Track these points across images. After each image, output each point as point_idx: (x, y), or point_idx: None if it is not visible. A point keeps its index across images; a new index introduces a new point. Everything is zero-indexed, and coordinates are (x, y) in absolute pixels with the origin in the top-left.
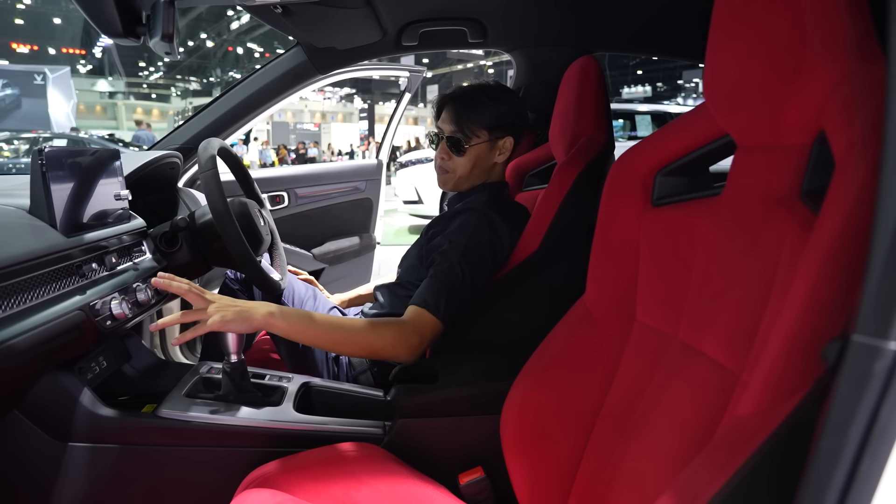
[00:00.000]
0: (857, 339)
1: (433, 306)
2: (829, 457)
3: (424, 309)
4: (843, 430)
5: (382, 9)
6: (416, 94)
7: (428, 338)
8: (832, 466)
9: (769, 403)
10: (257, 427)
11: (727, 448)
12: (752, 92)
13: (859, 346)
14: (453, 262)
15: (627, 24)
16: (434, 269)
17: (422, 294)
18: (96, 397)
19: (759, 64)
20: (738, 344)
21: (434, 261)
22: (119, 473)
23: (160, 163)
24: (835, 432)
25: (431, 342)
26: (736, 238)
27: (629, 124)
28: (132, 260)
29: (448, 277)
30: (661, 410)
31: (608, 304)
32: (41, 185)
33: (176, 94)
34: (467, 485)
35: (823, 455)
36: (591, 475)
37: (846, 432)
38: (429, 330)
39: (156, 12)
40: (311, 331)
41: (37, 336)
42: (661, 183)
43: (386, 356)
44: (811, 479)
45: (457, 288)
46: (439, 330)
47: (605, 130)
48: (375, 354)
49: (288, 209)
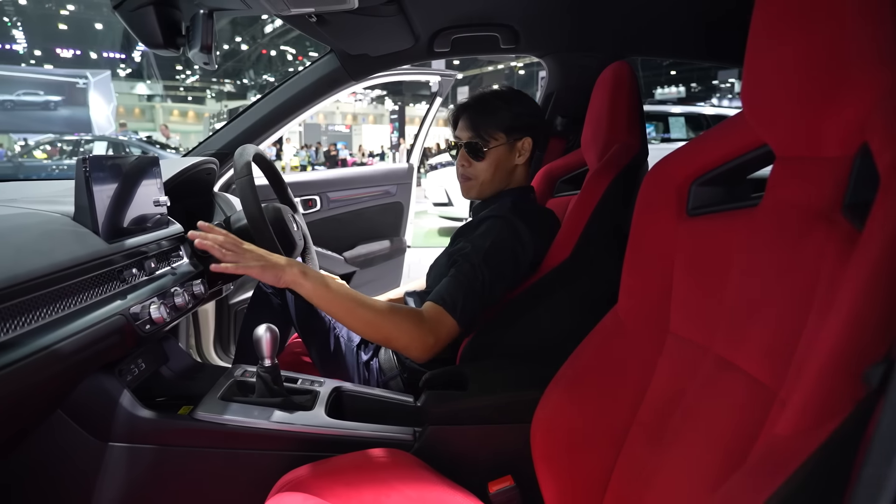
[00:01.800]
0: None
1: (450, 305)
2: (871, 486)
3: (442, 307)
4: (887, 459)
5: (415, 16)
6: (447, 96)
7: (443, 338)
8: (875, 497)
9: (809, 425)
10: (290, 431)
11: (765, 468)
12: (791, 102)
13: None
14: (474, 265)
15: (661, 30)
16: (455, 269)
17: (440, 292)
18: (135, 399)
19: (800, 74)
20: (775, 359)
21: (456, 262)
22: (156, 473)
23: (197, 168)
24: (878, 461)
25: (446, 342)
26: (774, 251)
27: (662, 126)
28: (170, 264)
29: (468, 279)
30: (694, 424)
31: (641, 314)
32: (85, 192)
33: (211, 97)
34: (497, 493)
35: (866, 484)
36: (622, 488)
37: (891, 462)
38: (444, 329)
39: (195, 24)
40: (335, 300)
41: (80, 340)
42: (697, 193)
43: (398, 347)
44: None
45: (475, 290)
46: (455, 330)
47: (639, 137)
48: (388, 343)
49: (320, 213)
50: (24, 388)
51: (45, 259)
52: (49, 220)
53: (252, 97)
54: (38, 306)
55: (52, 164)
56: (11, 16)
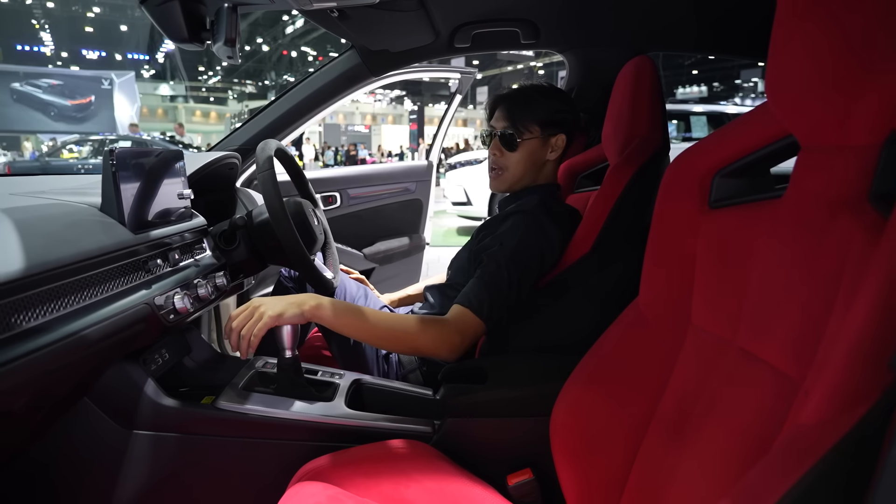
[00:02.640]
0: None
1: (476, 306)
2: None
3: (468, 309)
4: None
5: (436, 11)
6: (465, 95)
7: (469, 337)
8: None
9: (833, 413)
10: (310, 421)
11: (788, 457)
12: (817, 90)
13: None
14: (500, 265)
15: (683, 23)
16: (481, 269)
17: (466, 294)
18: (159, 388)
19: (826, 61)
20: (800, 351)
21: (482, 261)
22: (179, 461)
23: (220, 163)
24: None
25: (473, 342)
26: (799, 241)
27: (683, 125)
28: (193, 257)
29: (494, 279)
30: (717, 416)
31: (662, 307)
32: (111, 183)
33: (233, 97)
34: (516, 486)
35: (892, 470)
36: (642, 480)
37: None
38: (470, 329)
39: (220, 18)
40: (356, 324)
41: (106, 328)
42: (720, 184)
43: (427, 353)
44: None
45: (501, 290)
46: (481, 330)
47: (660, 131)
48: (417, 351)
49: (340, 209)
50: (52, 373)
51: (73, 248)
52: (76, 210)
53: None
54: (65, 294)
55: (79, 163)
56: (39, 18)
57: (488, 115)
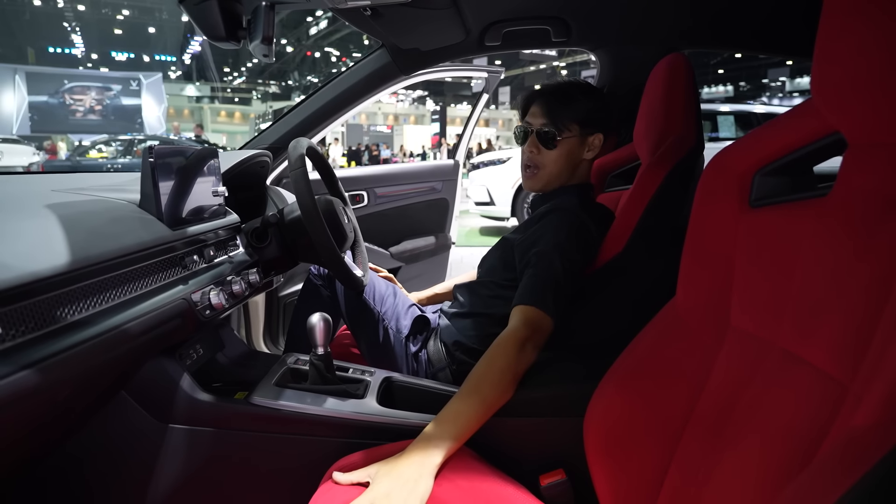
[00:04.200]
0: None
1: (541, 301)
2: None
3: (531, 306)
4: None
5: (467, 9)
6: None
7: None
8: None
9: (889, 417)
10: (342, 418)
11: (841, 462)
12: (866, 88)
13: None
14: (553, 261)
15: (718, 20)
16: (532, 268)
17: (524, 295)
18: (195, 382)
19: (875, 58)
20: (848, 353)
21: (530, 262)
22: (214, 455)
23: (252, 161)
24: None
25: (544, 336)
26: (846, 241)
27: (710, 125)
28: (227, 253)
29: (550, 275)
30: (759, 420)
31: (701, 308)
32: (150, 180)
33: (257, 98)
34: (548, 486)
35: None
36: (679, 484)
37: None
38: (536, 323)
39: (257, 17)
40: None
41: (147, 322)
42: (761, 183)
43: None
44: None
45: (560, 284)
46: (548, 324)
47: (695, 130)
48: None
49: (367, 208)
50: (95, 366)
51: (115, 243)
52: (116, 206)
53: (296, 98)
54: (108, 288)
55: (107, 162)
56: (71, 21)
57: (522, 111)
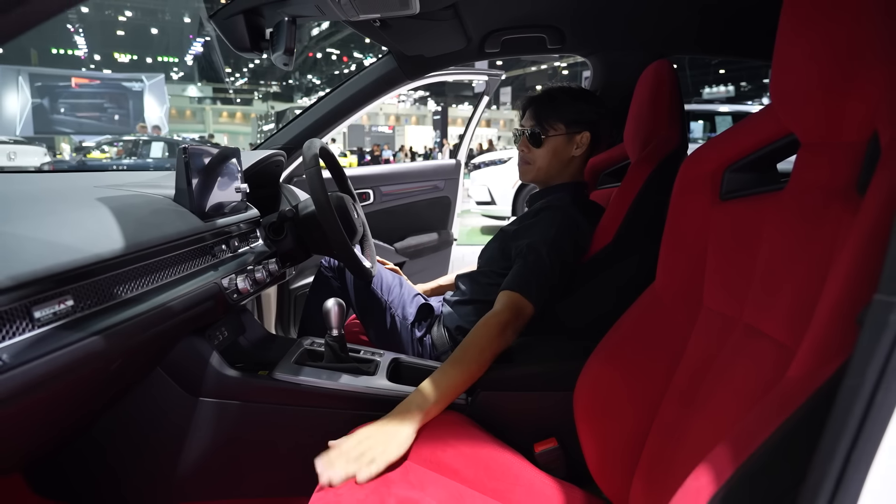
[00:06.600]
0: (879, 297)
1: (524, 288)
2: (850, 393)
3: (514, 292)
4: (862, 370)
5: (468, 19)
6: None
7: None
8: (852, 401)
9: (813, 366)
10: (356, 392)
11: (776, 404)
12: (815, 92)
13: (879, 302)
14: (541, 254)
15: (704, 27)
16: (522, 259)
17: (511, 282)
18: (223, 359)
19: (823, 65)
20: (797, 323)
21: (521, 252)
22: (240, 426)
23: (270, 160)
24: (856, 373)
25: (524, 321)
26: (798, 228)
27: (709, 125)
28: (249, 244)
29: (537, 266)
30: (723, 386)
31: (677, 290)
32: (184, 176)
33: (258, 98)
34: (542, 453)
35: (846, 392)
36: (657, 447)
37: (864, 372)
38: (518, 308)
39: (279, 30)
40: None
41: (186, 301)
42: (730, 179)
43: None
44: (836, 412)
45: (546, 275)
46: (530, 311)
47: (678, 131)
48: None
49: (373, 205)
50: (143, 340)
51: (159, 231)
52: (154, 200)
53: (298, 98)
54: (153, 271)
55: (112, 163)
56: (74, 22)
57: (520, 115)
